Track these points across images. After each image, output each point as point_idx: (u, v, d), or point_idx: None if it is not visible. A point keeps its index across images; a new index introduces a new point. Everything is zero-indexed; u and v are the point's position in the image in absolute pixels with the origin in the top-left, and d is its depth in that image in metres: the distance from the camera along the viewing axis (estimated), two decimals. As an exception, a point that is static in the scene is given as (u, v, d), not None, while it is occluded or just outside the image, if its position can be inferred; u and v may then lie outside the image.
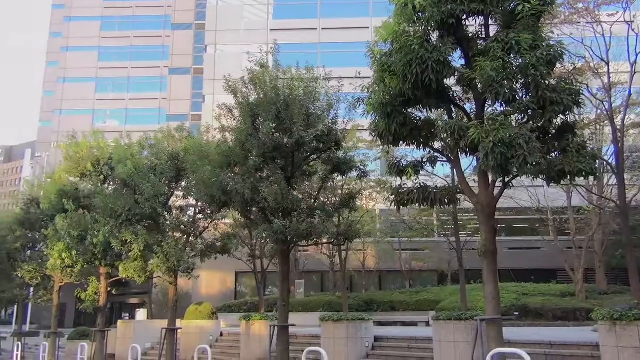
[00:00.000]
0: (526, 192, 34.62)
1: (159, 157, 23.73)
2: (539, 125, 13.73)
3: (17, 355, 31.70)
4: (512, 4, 13.87)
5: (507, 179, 13.90)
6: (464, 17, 14.41)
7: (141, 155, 25.18)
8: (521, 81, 13.26)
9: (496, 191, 14.35)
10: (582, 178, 14.36)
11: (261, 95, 19.11)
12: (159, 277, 27.77)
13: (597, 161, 13.64)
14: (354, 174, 20.57)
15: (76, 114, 51.69)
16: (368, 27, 38.60)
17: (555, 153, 13.95)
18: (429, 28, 14.33)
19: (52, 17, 61.58)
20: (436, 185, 16.51)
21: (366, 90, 15.38)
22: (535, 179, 14.35)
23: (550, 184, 14.55)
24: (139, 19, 54.78)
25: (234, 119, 19.94)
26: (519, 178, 14.14)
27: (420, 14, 14.31)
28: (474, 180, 14.93)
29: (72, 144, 29.04)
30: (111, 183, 27.63)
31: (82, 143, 28.92)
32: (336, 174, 21.23)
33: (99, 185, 27.49)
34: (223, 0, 42.56)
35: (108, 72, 53.19)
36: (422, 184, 15.81)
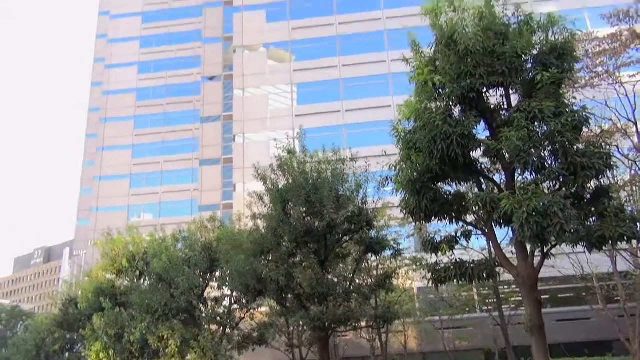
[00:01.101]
0: (568, 260, 33.39)
1: (192, 249, 23.88)
2: (573, 191, 13.43)
3: None
4: (530, 74, 14.03)
5: (546, 249, 13.45)
6: (484, 90, 14.59)
7: (175, 248, 25.39)
8: (549, 148, 13.15)
9: (536, 261, 13.85)
10: (625, 242, 13.83)
11: (290, 181, 19.35)
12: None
13: (638, 224, 13.16)
14: (388, 253, 20.27)
15: (112, 211, 53.11)
16: (390, 106, 39.44)
17: (593, 218, 13.52)
18: (451, 103, 14.51)
19: (89, 120, 64.85)
20: (473, 260, 16.04)
21: (393, 168, 15.40)
22: (575, 246, 13.87)
23: (592, 251, 14.02)
24: (169, 116, 57.34)
25: (265, 206, 20.11)
26: (558, 246, 13.68)
27: (440, 90, 14.56)
28: (511, 252, 14.50)
29: (107, 241, 29.53)
30: (147, 278, 27.71)
31: (118, 240, 29.38)
32: (370, 254, 20.94)
33: (135, 281, 27.61)
34: (248, 91, 44.37)
35: (141, 168, 55.16)
36: (458, 260, 15.39)
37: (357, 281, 20.88)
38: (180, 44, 59.73)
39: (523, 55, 14.28)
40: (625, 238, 12.77)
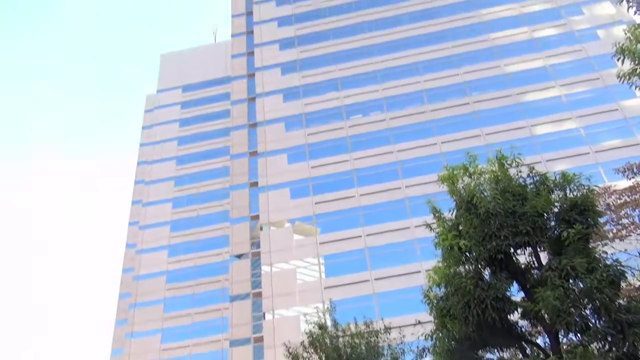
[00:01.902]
0: None
1: None
2: (624, 351, 12.61)
3: None
4: (556, 231, 14.07)
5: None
6: (512, 250, 14.55)
7: None
8: (589, 306, 12.68)
9: None
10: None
11: (322, 357, 18.63)
12: None
13: None
14: None
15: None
16: (419, 272, 39.05)
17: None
18: (479, 266, 14.41)
19: (119, 306, 65.11)
20: None
21: (429, 337, 14.87)
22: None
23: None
24: (198, 297, 57.47)
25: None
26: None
27: (467, 253, 14.55)
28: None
29: None
30: None
31: None
32: None
33: None
34: (276, 267, 44.77)
35: (170, 353, 54.00)
36: None
37: None
38: (209, 225, 61.92)
39: (545, 214, 14.46)
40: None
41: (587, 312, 12.80)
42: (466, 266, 14.60)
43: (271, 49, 57.72)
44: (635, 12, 14.20)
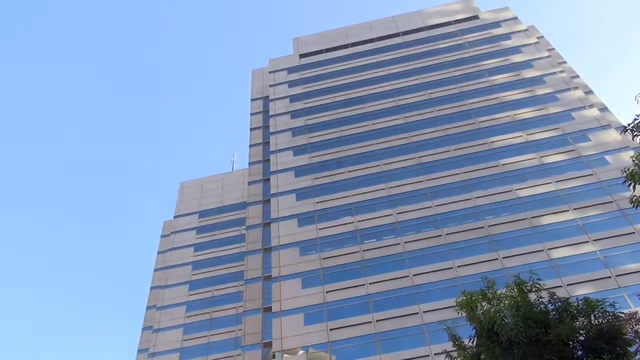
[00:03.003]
0: None
1: None
2: None
3: None
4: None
5: None
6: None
7: None
8: None
9: None
10: None
11: None
12: None
13: None
14: None
15: None
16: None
17: None
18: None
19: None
20: None
21: None
22: None
23: None
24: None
25: None
26: None
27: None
28: None
29: None
30: None
31: None
32: None
33: None
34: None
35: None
36: None
37: None
38: (220, 353, 60.15)
39: (570, 343, 13.89)
40: None
41: None
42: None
43: (286, 176, 59.50)
44: (640, 141, 14.60)
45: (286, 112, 67.35)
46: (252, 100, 74.06)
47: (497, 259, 45.31)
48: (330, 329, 45.06)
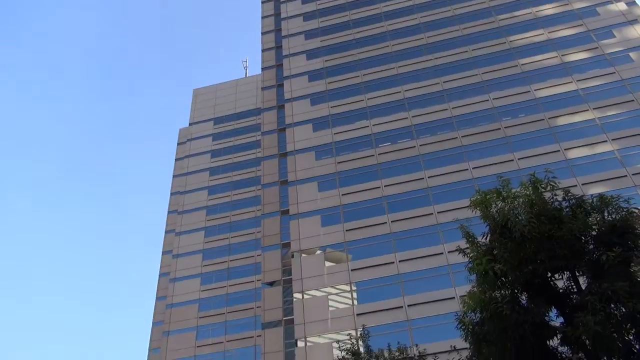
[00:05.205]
0: None
1: None
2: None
3: None
4: (595, 255, 13.77)
5: None
6: (549, 275, 14.28)
7: None
8: (632, 331, 12.31)
9: None
10: None
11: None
12: None
13: None
14: None
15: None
16: (454, 297, 38.46)
17: None
18: (516, 291, 14.16)
19: (153, 334, 65.77)
20: None
21: (466, 365, 14.58)
22: None
23: None
24: (230, 324, 57.80)
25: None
26: None
27: (502, 278, 14.33)
28: None
29: None
30: None
31: None
32: None
33: None
34: (308, 294, 44.56)
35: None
36: None
37: None
38: (240, 253, 62.54)
39: (582, 237, 14.18)
40: None
41: (631, 337, 12.41)
42: (502, 291, 14.33)
43: (300, 81, 58.62)
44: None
45: (298, 15, 65.08)
46: (262, 2, 71.50)
47: (512, 160, 45.34)
48: (347, 230, 46.38)
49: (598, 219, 14.73)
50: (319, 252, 46.55)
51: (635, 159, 42.65)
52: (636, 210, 15.72)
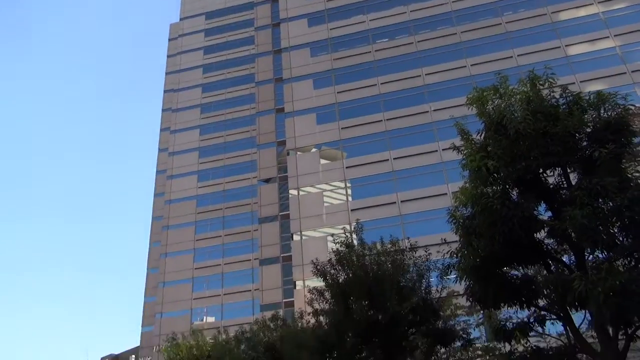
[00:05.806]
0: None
1: (256, 350, 23.65)
2: (651, 266, 12.77)
3: None
4: (587, 152, 13.86)
5: (630, 330, 12.61)
6: (541, 171, 14.45)
7: (238, 350, 25.18)
8: (617, 224, 12.71)
9: (621, 345, 12.94)
10: None
11: (350, 275, 19.25)
12: None
13: None
14: (458, 344, 19.39)
15: (175, 316, 53.81)
16: (446, 194, 39.29)
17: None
18: (507, 187, 14.40)
19: (153, 228, 67.51)
20: (551, 347, 15.15)
21: (455, 255, 15.14)
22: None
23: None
24: (228, 219, 59.16)
25: (326, 302, 19.95)
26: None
27: (495, 174, 14.52)
28: (592, 336, 13.66)
29: (172, 346, 29.66)
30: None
31: (182, 344, 29.48)
32: (439, 346, 20.08)
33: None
34: (303, 190, 45.48)
35: (203, 272, 56.31)
36: (534, 347, 14.58)
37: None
38: (236, 151, 62.73)
39: (577, 134, 14.19)
40: None
41: (615, 230, 12.84)
42: (494, 187, 14.56)
43: (295, -28, 55.80)
44: None
45: None
46: None
47: (512, 56, 44.47)
48: (342, 128, 46.39)
49: (594, 116, 14.67)
50: (314, 149, 46.87)
51: (635, 56, 41.90)
52: (632, 107, 15.65)
